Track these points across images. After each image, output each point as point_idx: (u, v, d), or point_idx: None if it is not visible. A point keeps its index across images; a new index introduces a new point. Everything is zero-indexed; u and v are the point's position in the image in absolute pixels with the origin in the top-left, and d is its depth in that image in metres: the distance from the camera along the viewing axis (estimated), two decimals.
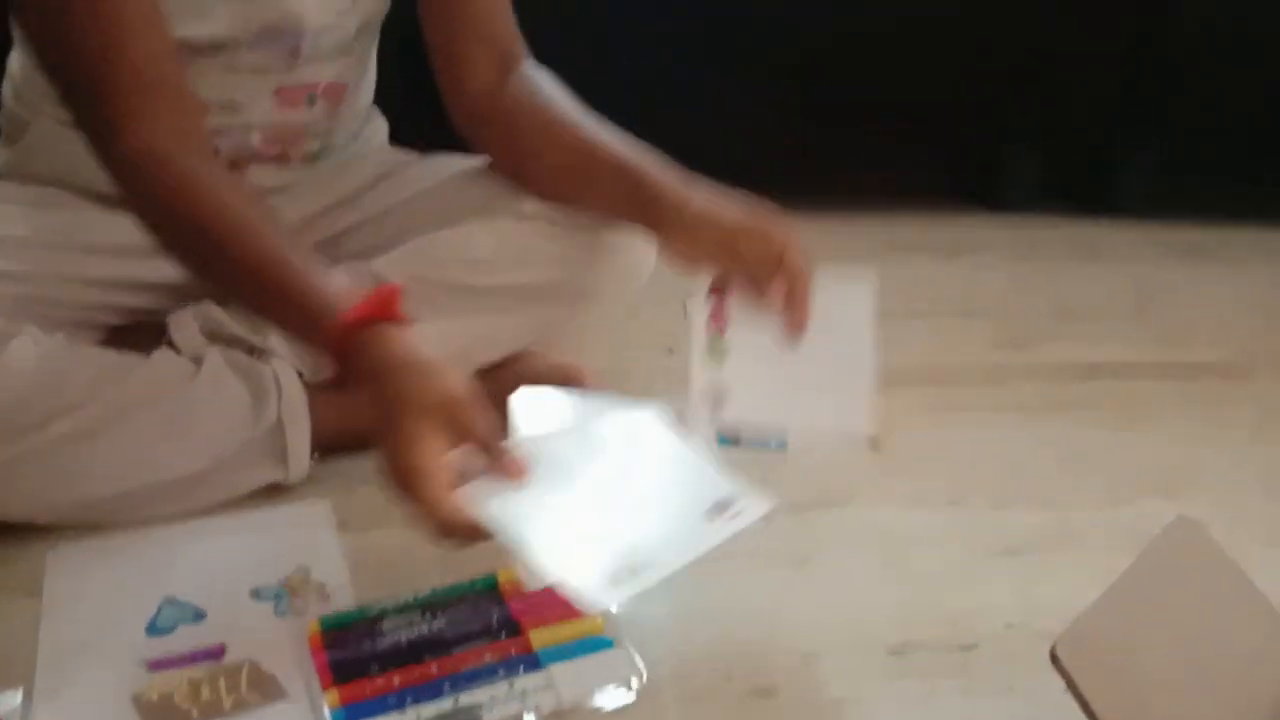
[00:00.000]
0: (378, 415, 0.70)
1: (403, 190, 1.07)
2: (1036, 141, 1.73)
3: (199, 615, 0.80)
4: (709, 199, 0.88)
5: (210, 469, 0.89)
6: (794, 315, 0.85)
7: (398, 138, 1.15)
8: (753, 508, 0.73)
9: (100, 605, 0.80)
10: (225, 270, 0.80)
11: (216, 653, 0.77)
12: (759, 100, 1.60)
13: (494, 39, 0.98)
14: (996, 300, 1.45)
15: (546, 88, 0.99)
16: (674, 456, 0.77)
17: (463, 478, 0.69)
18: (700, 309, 0.86)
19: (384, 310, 0.74)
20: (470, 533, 0.68)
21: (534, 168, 0.99)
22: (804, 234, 1.57)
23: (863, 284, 0.88)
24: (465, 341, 0.99)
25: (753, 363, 0.84)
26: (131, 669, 0.75)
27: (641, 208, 0.91)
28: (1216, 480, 1.11)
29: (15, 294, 0.88)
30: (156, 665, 0.75)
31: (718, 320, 0.86)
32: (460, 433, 0.69)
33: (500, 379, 1.03)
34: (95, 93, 0.79)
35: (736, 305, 0.87)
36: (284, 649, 0.77)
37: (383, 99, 1.12)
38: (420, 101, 1.04)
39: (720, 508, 0.72)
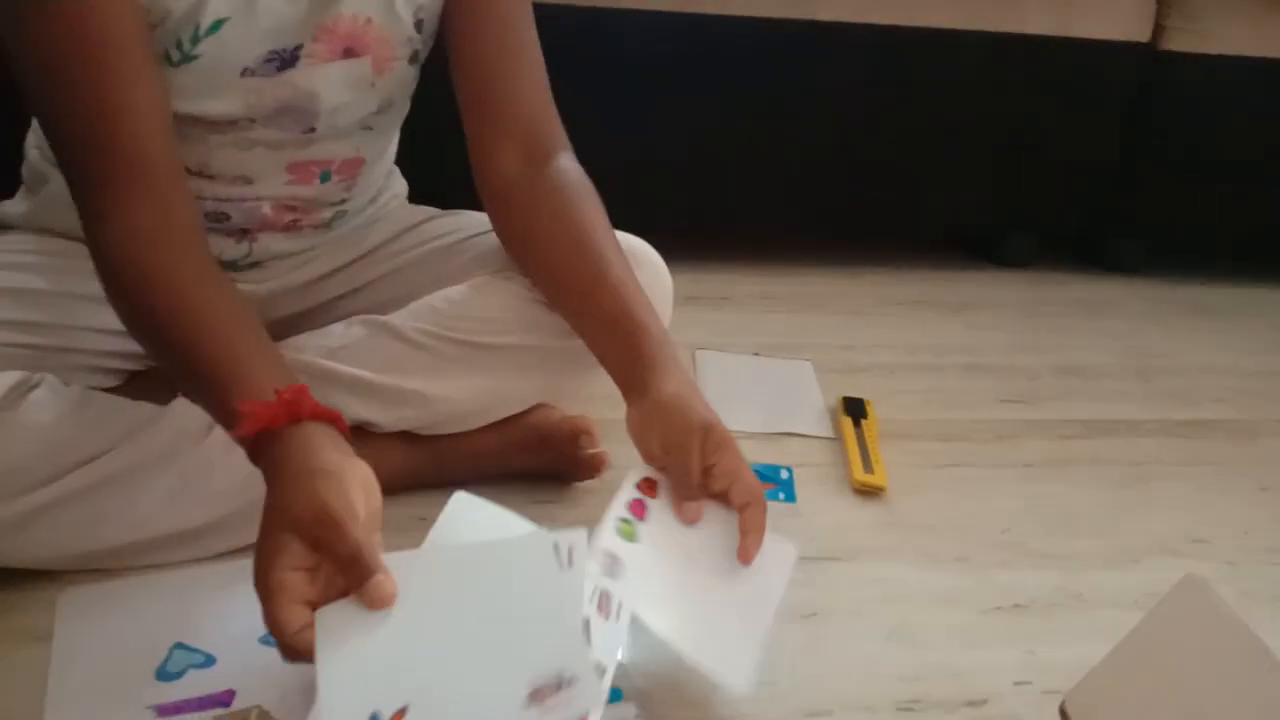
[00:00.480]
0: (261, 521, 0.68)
1: (421, 247, 1.08)
2: (1039, 204, 1.75)
3: (209, 660, 0.80)
4: (679, 393, 0.86)
5: (224, 519, 0.89)
6: (747, 541, 0.82)
7: (419, 192, 1.16)
8: (584, 698, 0.65)
9: (110, 650, 0.80)
10: (168, 363, 0.79)
11: (226, 699, 0.77)
12: (773, 158, 1.62)
13: (524, 132, 0.96)
14: (1001, 357, 1.46)
15: (572, 196, 0.95)
16: (544, 598, 0.68)
17: (325, 599, 0.66)
18: (630, 487, 0.85)
19: (287, 415, 0.70)
20: (309, 657, 0.65)
21: (538, 275, 0.98)
22: (816, 288, 1.60)
23: (787, 553, 0.86)
24: (478, 398, 1.00)
25: (657, 563, 0.79)
26: (140, 714, 0.75)
27: (618, 366, 0.90)
28: (1222, 539, 1.11)
29: (34, 344, 0.90)
30: (165, 711, 0.75)
31: (638, 511, 0.84)
32: (323, 550, 0.66)
33: (513, 431, 1.04)
34: (84, 176, 0.78)
35: (660, 508, 0.84)
36: (293, 696, 0.77)
37: (405, 155, 1.13)
38: (443, 158, 1.05)
39: (551, 687, 0.64)
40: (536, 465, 1.04)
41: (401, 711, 0.63)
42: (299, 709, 0.76)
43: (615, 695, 0.78)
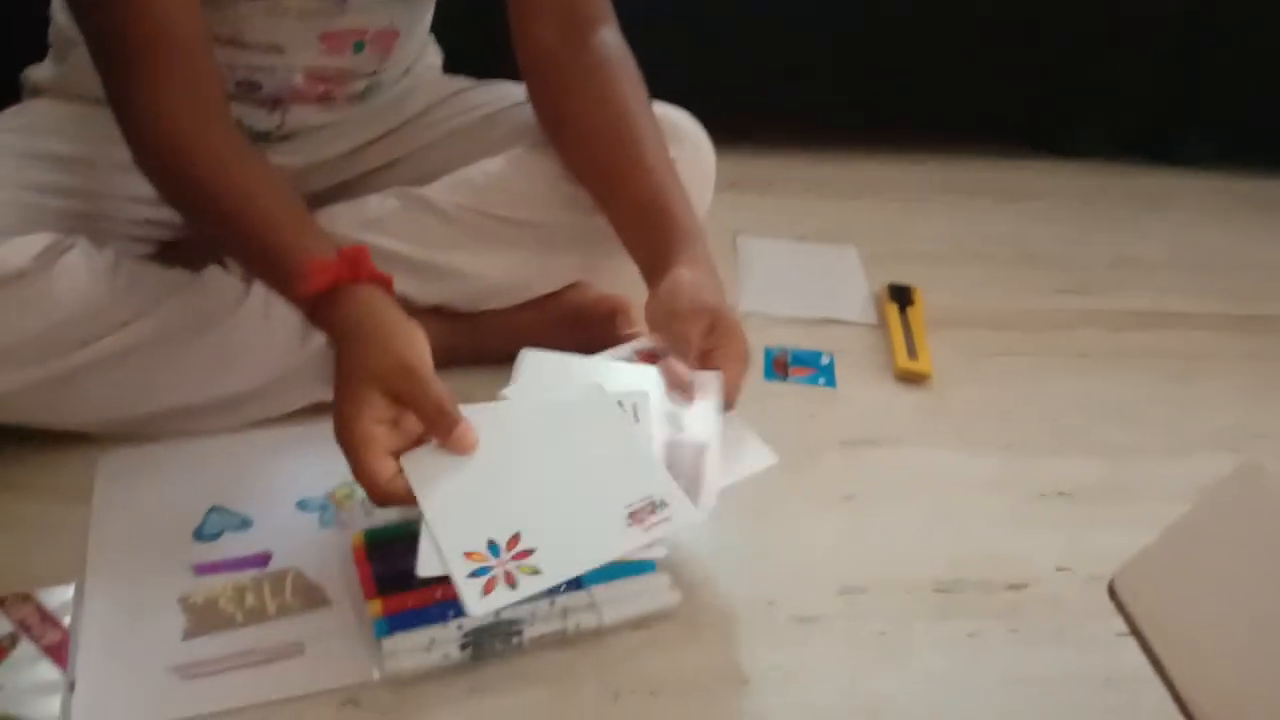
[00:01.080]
0: (335, 377, 0.70)
1: (457, 118, 1.05)
2: (1104, 94, 1.67)
3: (245, 523, 0.81)
4: (694, 278, 0.82)
5: (258, 389, 0.89)
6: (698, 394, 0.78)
7: (454, 63, 1.12)
8: (681, 516, 0.69)
9: (149, 510, 0.81)
10: (218, 231, 0.80)
11: (262, 560, 0.78)
12: (827, 33, 1.56)
13: (566, 2, 0.92)
14: (1058, 247, 1.41)
15: (611, 73, 0.92)
16: (620, 443, 0.74)
17: (406, 448, 0.70)
18: (628, 350, 0.84)
19: (351, 273, 0.73)
20: (404, 501, 0.69)
21: (571, 153, 0.95)
22: (868, 175, 1.55)
23: (765, 458, 0.79)
24: (514, 274, 0.98)
25: None
26: (178, 572, 0.76)
27: (643, 253, 0.88)
28: (1277, 434, 1.07)
29: (65, 209, 0.89)
30: (203, 569, 0.77)
31: None
32: (407, 402, 0.69)
33: (549, 309, 1.02)
34: (114, 52, 0.78)
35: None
36: (328, 559, 0.78)
37: (440, 21, 1.09)
38: (481, 27, 1.01)
39: (648, 509, 0.69)
40: (572, 344, 1.00)
41: (516, 537, 0.67)
42: (334, 572, 0.77)
43: (649, 566, 0.77)
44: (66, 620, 0.71)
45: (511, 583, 0.66)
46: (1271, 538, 0.67)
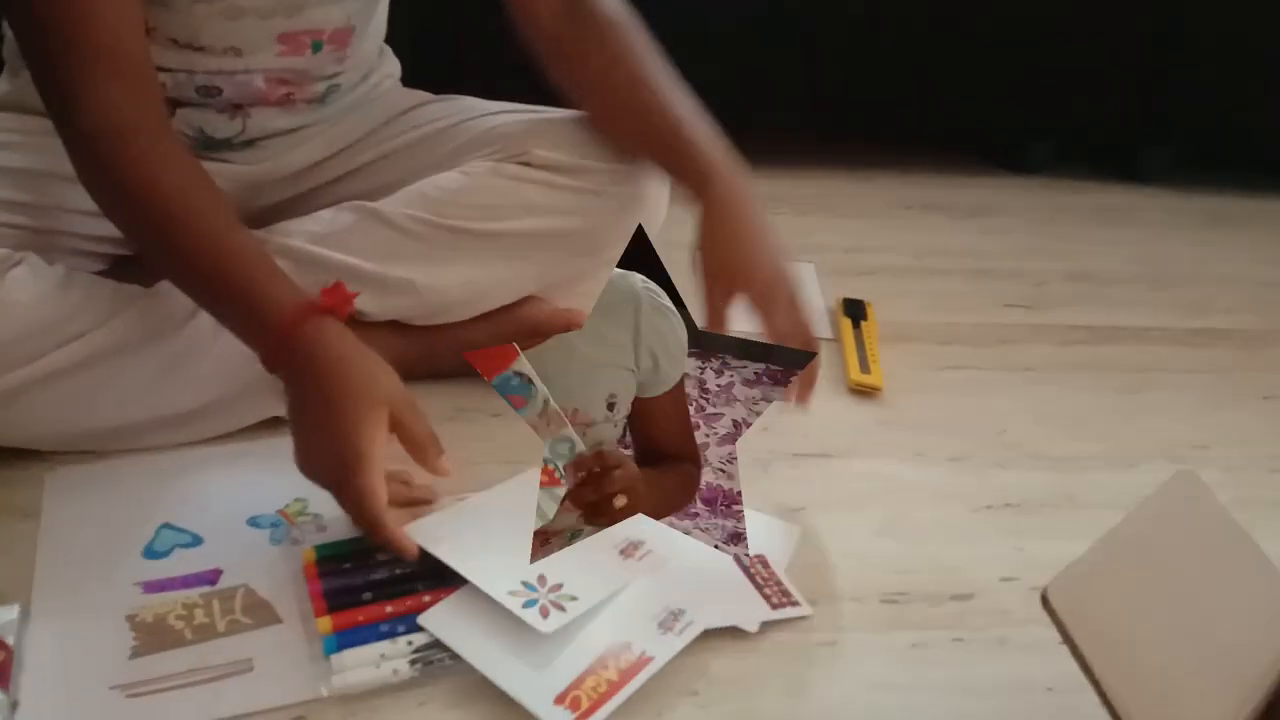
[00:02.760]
0: (319, 403, 0.72)
1: (413, 132, 1.05)
2: (1061, 112, 1.70)
3: (195, 540, 0.81)
4: (710, 233, 0.89)
5: (210, 404, 0.89)
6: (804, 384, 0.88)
7: (411, 79, 1.13)
8: (660, 548, 0.80)
9: (97, 527, 0.81)
10: (166, 253, 0.80)
11: (212, 577, 0.78)
12: (783, 51, 1.57)
13: None
14: (1011, 261, 1.43)
15: (619, 38, 0.96)
16: None
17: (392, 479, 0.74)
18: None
19: (335, 304, 0.76)
20: (402, 545, 0.73)
21: (593, 110, 1.00)
22: (825, 191, 1.57)
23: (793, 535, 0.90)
24: (469, 287, 0.99)
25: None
26: (127, 590, 0.76)
27: (685, 186, 0.93)
28: (1223, 446, 1.09)
29: (17, 224, 0.88)
30: (151, 587, 0.76)
31: None
32: (401, 429, 0.72)
33: (503, 322, 1.03)
34: (54, 63, 0.78)
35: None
36: (279, 576, 0.78)
37: (395, 40, 1.10)
38: (435, 42, 1.02)
39: (631, 547, 0.80)
40: None
41: (543, 577, 0.75)
42: (285, 589, 0.77)
43: None
44: (11, 639, 0.70)
45: (560, 608, 0.73)
46: (1202, 545, 0.69)
